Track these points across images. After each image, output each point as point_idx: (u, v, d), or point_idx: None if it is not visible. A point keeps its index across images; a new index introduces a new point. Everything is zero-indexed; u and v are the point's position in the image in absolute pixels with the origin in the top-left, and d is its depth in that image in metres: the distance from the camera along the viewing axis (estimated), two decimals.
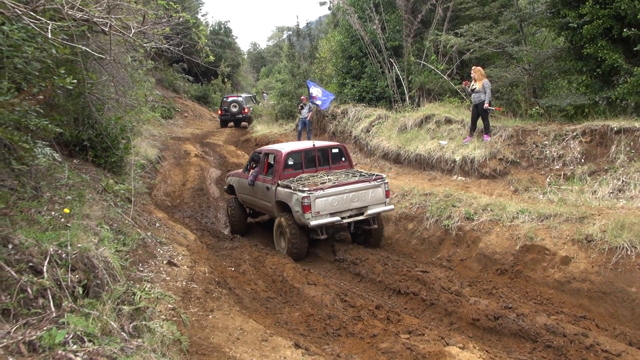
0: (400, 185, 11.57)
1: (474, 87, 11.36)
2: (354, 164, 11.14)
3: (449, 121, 12.75)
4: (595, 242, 7.25)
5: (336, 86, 19.06)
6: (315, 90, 19.72)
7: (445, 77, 14.90)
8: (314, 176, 9.87)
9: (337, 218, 9.14)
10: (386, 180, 9.68)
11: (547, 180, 9.69)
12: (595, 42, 9.81)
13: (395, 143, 13.59)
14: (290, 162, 10.21)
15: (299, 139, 17.94)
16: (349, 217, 9.30)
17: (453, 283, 7.73)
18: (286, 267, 8.55)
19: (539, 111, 12.01)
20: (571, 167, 9.59)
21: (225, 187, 13.21)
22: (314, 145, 10.50)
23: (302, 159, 10.30)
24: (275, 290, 7.94)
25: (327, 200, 9.01)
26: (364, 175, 9.79)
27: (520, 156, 10.39)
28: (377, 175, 9.76)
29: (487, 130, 11.20)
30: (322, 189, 9.05)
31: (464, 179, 11.13)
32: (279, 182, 9.77)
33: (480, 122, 11.44)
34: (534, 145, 10.31)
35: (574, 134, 9.85)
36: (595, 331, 6.26)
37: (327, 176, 9.85)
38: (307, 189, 8.99)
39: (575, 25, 9.96)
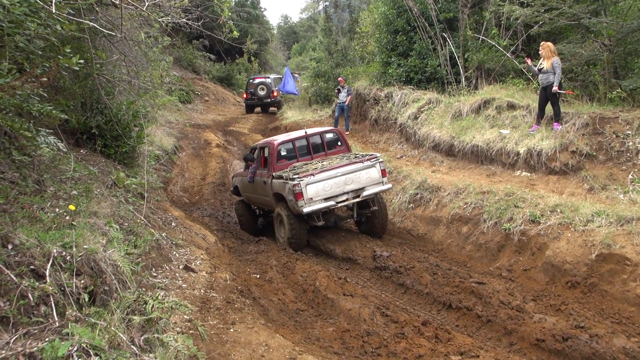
0: (453, 181, 11.47)
1: (541, 66, 11.12)
2: (399, 156, 11.28)
3: (511, 107, 12.54)
4: None
5: (379, 65, 18.95)
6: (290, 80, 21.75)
7: (508, 54, 14.63)
8: (307, 164, 10.86)
9: (332, 203, 10.11)
10: (381, 159, 10.62)
11: (630, 176, 9.43)
12: None
13: (448, 132, 13.46)
14: (283, 153, 11.28)
15: (336, 127, 18.03)
16: (345, 200, 10.30)
17: (514, 297, 7.62)
18: (319, 275, 8.59)
19: (621, 95, 11.66)
20: None
21: (231, 188, 13.66)
22: (305, 132, 11.62)
23: (295, 148, 11.38)
24: (306, 302, 7.99)
25: (318, 185, 9.98)
26: (358, 157, 10.70)
27: (597, 148, 10.14)
28: (370, 154, 10.66)
29: (557, 117, 10.96)
30: (312, 174, 9.99)
31: (528, 174, 10.94)
32: (274, 173, 10.78)
33: (549, 108, 11.21)
34: (614, 136, 10.04)
35: None
36: None
37: (322, 162, 10.78)
38: (297, 176, 9.93)
39: None
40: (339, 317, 7.33)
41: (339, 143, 11.67)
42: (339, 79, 19.58)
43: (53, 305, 3.82)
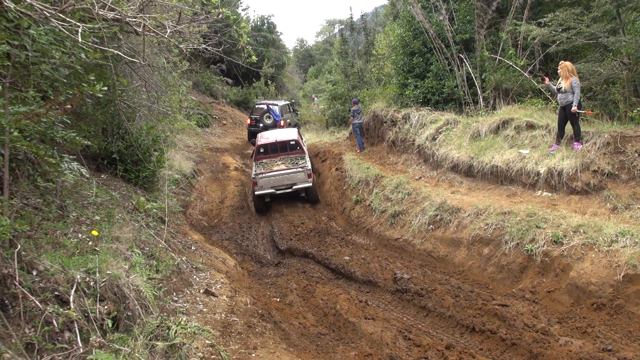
0: (473, 202, 11.38)
1: (560, 86, 11.07)
2: (418, 177, 11.20)
3: (531, 126, 12.47)
4: None
5: (396, 87, 18.96)
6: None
7: (525, 74, 14.59)
8: (272, 161, 17.14)
9: (273, 190, 15.98)
10: (308, 167, 16.24)
11: None
12: None
13: (467, 153, 13.40)
14: (262, 150, 17.46)
15: (360, 146, 19.65)
16: (284, 189, 16.04)
17: (538, 319, 7.52)
18: (339, 298, 8.54)
19: None
20: None
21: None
22: (276, 139, 17.65)
23: (269, 148, 17.49)
24: (327, 325, 7.93)
25: (266, 179, 15.86)
26: (298, 163, 16.80)
27: (619, 167, 10.03)
28: (302, 164, 16.54)
29: (577, 136, 10.88)
30: (264, 173, 15.93)
31: (550, 194, 10.83)
32: (254, 163, 17.07)
33: (569, 127, 11.13)
34: (637, 154, 9.93)
35: None
36: None
37: (280, 161, 17.09)
38: (256, 172, 16.11)
39: None
40: (360, 341, 7.26)
41: (298, 147, 17.51)
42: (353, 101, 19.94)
43: (77, 331, 3.83)
